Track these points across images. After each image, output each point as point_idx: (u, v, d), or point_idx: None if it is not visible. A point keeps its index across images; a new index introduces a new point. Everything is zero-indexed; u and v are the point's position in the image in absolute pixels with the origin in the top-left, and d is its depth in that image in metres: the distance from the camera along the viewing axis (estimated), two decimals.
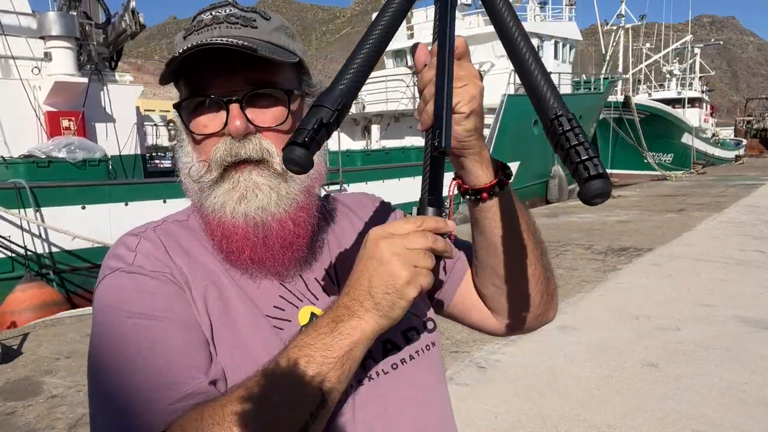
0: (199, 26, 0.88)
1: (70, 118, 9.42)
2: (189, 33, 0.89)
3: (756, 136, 68.94)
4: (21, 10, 9.36)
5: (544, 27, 19.85)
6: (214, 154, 0.86)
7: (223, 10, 0.89)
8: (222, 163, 0.86)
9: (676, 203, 15.61)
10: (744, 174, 27.02)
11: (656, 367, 4.41)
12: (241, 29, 0.87)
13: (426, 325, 1.01)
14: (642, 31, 43.88)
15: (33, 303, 6.80)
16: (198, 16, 0.90)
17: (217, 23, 0.87)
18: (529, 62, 0.71)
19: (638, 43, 44.72)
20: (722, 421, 3.57)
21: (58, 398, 4.19)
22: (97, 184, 8.41)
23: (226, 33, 0.85)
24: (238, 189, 0.86)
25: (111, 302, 0.83)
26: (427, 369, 0.99)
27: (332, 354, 0.73)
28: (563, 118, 0.66)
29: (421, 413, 0.95)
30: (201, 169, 0.88)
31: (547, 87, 0.69)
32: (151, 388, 0.75)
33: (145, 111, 25.91)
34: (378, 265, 0.73)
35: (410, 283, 0.73)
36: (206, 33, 0.86)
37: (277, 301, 0.90)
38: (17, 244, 7.58)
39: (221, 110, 0.86)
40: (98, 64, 10.12)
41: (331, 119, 0.69)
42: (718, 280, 7.00)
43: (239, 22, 0.88)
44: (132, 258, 0.85)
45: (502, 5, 0.75)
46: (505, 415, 3.72)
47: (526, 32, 0.74)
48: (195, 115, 0.88)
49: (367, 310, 0.74)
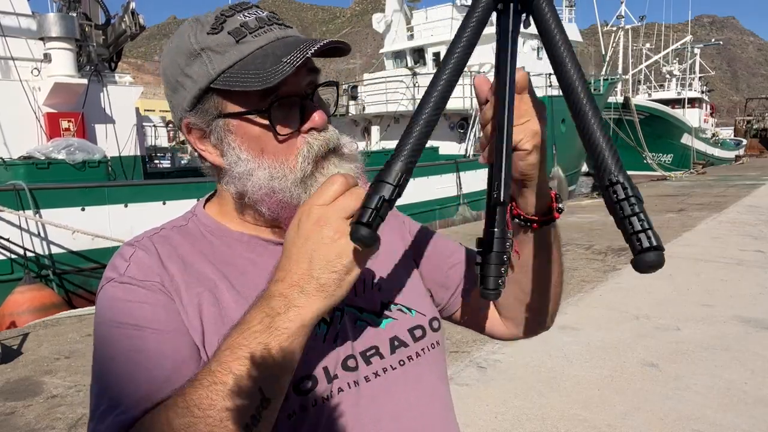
0: (250, 29, 0.85)
1: (70, 120, 9.41)
2: (241, 36, 0.84)
3: (756, 136, 68.87)
4: (21, 12, 9.35)
5: None
6: (309, 149, 0.86)
7: (258, 12, 0.88)
8: (318, 155, 0.86)
9: (676, 203, 15.61)
10: (744, 174, 27.01)
11: (656, 367, 4.41)
12: (290, 29, 0.88)
13: (431, 323, 1.02)
14: (642, 32, 43.91)
15: (32, 305, 6.78)
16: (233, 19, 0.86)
17: (268, 25, 0.86)
18: (591, 120, 0.71)
19: (638, 44, 44.74)
20: (722, 421, 3.57)
21: (58, 398, 4.19)
22: (96, 185, 8.39)
23: (285, 33, 0.86)
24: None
25: (103, 312, 0.84)
26: (432, 367, 1.00)
27: (269, 353, 0.69)
28: (619, 186, 0.67)
29: (427, 410, 0.97)
30: (287, 168, 0.86)
31: (606, 147, 0.69)
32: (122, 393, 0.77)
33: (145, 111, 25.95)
34: (317, 245, 0.70)
35: (357, 255, 0.70)
36: (267, 35, 0.85)
37: None
38: (17, 245, 7.57)
39: (292, 108, 0.86)
40: (98, 65, 10.11)
41: (392, 195, 0.70)
42: (718, 280, 7.00)
43: (283, 24, 0.88)
44: (125, 268, 0.85)
45: (566, 56, 0.73)
46: (505, 415, 3.72)
47: (589, 87, 0.73)
48: (275, 117, 0.85)
49: (309, 295, 0.70)
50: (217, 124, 0.87)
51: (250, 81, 0.81)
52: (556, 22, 0.75)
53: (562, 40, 0.73)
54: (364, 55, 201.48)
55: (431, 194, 12.94)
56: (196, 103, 0.87)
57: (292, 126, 0.86)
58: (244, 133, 0.86)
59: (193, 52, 0.85)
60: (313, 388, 0.86)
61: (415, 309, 1.01)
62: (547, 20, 0.76)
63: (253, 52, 0.83)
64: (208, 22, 0.86)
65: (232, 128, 0.87)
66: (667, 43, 51.04)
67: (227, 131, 0.87)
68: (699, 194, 17.88)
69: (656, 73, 51.25)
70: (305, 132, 0.86)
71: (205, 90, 0.85)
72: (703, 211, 13.67)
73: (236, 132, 0.87)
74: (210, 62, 0.84)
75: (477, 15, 0.81)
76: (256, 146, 0.86)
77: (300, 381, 0.85)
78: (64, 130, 9.32)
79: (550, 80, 18.17)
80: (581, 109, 0.71)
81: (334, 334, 0.91)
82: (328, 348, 0.89)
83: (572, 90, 0.72)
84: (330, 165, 0.87)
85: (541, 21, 0.76)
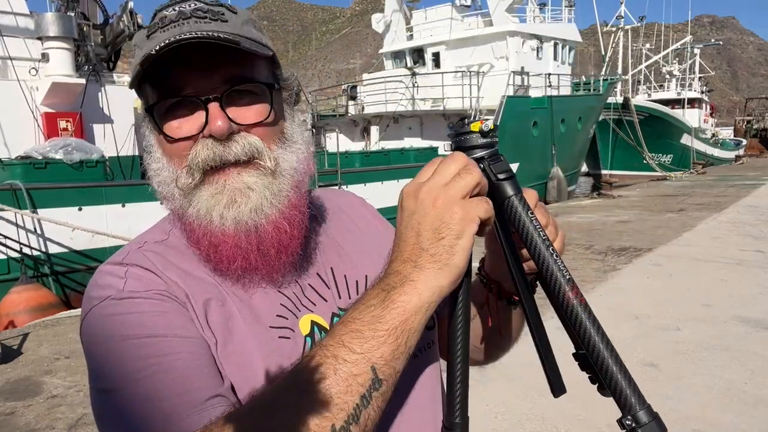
0: (164, 23, 0.81)
1: (68, 119, 9.40)
2: (152, 31, 0.81)
3: (756, 136, 68.89)
4: (18, 11, 9.35)
5: (543, 28, 19.84)
6: (194, 158, 0.79)
7: (187, 5, 0.82)
8: (204, 167, 0.79)
9: (676, 203, 15.60)
10: (744, 174, 27.01)
11: (656, 367, 4.40)
12: (211, 23, 0.80)
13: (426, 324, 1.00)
14: (642, 32, 43.91)
15: (29, 305, 6.76)
16: (159, 13, 0.83)
17: (183, 18, 0.80)
18: (609, 359, 0.75)
19: (638, 44, 44.74)
20: (722, 421, 3.56)
21: (58, 398, 4.18)
22: (93, 185, 8.38)
23: (196, 28, 0.78)
24: (225, 193, 0.80)
25: (101, 332, 0.75)
26: (426, 367, 0.99)
27: (383, 327, 0.65)
28: (630, 420, 0.70)
29: (420, 411, 0.95)
30: (175, 174, 0.81)
31: (624, 379, 0.74)
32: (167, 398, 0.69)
33: None
34: (422, 216, 0.68)
35: (465, 217, 0.67)
36: (174, 30, 0.79)
37: (279, 309, 0.85)
38: (13, 245, 7.56)
39: (198, 111, 0.80)
40: (96, 65, 10.10)
41: None
42: (718, 280, 6.99)
43: (208, 17, 0.81)
44: (122, 284, 0.78)
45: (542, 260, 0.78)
46: (505, 415, 3.71)
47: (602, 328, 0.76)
48: (168, 117, 0.80)
49: (422, 268, 0.67)
50: (145, 119, 0.85)
51: (132, 79, 0.80)
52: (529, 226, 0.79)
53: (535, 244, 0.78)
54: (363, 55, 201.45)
55: None
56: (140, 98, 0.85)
57: (189, 129, 0.80)
58: (151, 130, 0.84)
59: (134, 45, 0.85)
60: None
61: None
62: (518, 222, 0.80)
63: (165, 45, 0.77)
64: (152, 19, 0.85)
65: (148, 124, 0.85)
66: (667, 43, 51.04)
67: (147, 126, 0.85)
68: (699, 194, 17.88)
69: (656, 74, 51.23)
70: (204, 137, 0.79)
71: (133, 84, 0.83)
72: (703, 211, 13.67)
73: (150, 128, 0.85)
74: (135, 58, 0.81)
75: None
76: (160, 145, 0.83)
77: None
78: (62, 129, 9.31)
79: (549, 80, 18.17)
80: (598, 350, 0.75)
81: None
82: None
83: (589, 339, 0.76)
84: (228, 179, 0.80)
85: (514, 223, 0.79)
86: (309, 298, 0.89)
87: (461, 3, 19.95)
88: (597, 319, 0.75)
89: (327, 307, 0.90)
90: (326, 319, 0.88)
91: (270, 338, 0.81)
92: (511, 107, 16.44)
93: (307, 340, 0.84)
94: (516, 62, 17.84)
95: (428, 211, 0.67)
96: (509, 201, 0.78)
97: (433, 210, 0.67)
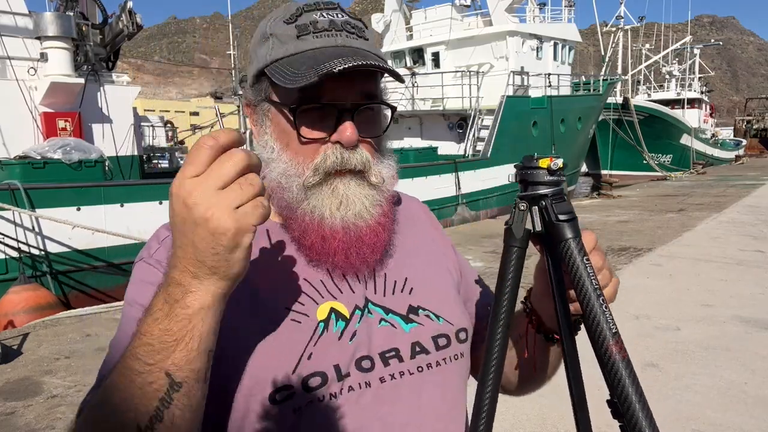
0: (316, 29, 0.88)
1: (67, 119, 9.38)
2: (304, 33, 0.88)
3: (756, 136, 68.92)
4: (17, 11, 9.31)
5: (543, 28, 19.81)
6: (323, 161, 0.88)
7: (336, 15, 0.90)
8: (329, 170, 0.88)
9: (676, 203, 15.61)
10: (744, 174, 27.02)
11: (656, 367, 4.40)
12: (358, 40, 0.90)
13: (458, 334, 1.00)
14: (641, 32, 43.88)
15: (27, 305, 6.73)
16: (308, 15, 0.90)
17: (336, 30, 0.89)
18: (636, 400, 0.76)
19: (638, 44, 44.72)
20: (722, 421, 3.56)
21: (58, 398, 4.17)
22: (92, 185, 8.36)
23: (348, 42, 0.88)
24: (337, 196, 0.89)
25: (127, 288, 0.90)
26: (453, 378, 0.98)
27: (171, 337, 0.67)
28: None
29: (439, 420, 0.95)
30: (301, 171, 0.89)
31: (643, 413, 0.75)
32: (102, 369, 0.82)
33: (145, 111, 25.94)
34: (195, 226, 0.65)
35: (239, 230, 0.65)
36: (328, 39, 0.88)
37: (299, 295, 0.90)
38: (12, 244, 7.55)
39: (331, 117, 0.87)
40: (95, 64, 10.08)
41: None
42: (718, 280, 6.99)
43: (355, 32, 0.90)
44: (155, 250, 0.90)
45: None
46: (505, 415, 3.70)
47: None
48: (303, 118, 0.88)
49: (203, 279, 0.68)
50: (262, 105, 0.93)
51: (285, 77, 0.85)
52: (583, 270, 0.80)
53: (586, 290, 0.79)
54: None
55: (430, 194, 12.91)
56: (255, 81, 0.93)
57: (321, 133, 0.88)
58: (278, 123, 0.91)
59: (265, 34, 0.92)
60: (322, 385, 0.85)
61: (443, 317, 0.99)
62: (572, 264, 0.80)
63: (304, 52, 0.87)
64: (290, 11, 0.91)
65: (271, 114, 0.92)
66: (666, 43, 51.00)
67: (266, 116, 0.93)
68: (699, 194, 17.88)
69: (656, 74, 51.20)
70: (333, 143, 0.88)
71: (261, 72, 0.90)
72: (703, 211, 13.67)
73: (273, 119, 0.92)
74: (271, 49, 0.90)
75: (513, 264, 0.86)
76: (283, 139, 0.91)
77: (309, 377, 0.85)
78: (61, 129, 9.29)
79: (549, 80, 18.14)
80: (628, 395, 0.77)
81: (351, 333, 0.90)
82: (343, 346, 0.89)
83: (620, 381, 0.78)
84: (341, 183, 0.89)
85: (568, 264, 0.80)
86: (338, 286, 0.93)
87: (461, 3, 19.89)
88: (636, 376, 0.76)
89: (352, 298, 0.93)
90: (348, 309, 0.92)
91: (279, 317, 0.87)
92: (511, 107, 16.42)
93: (320, 325, 0.88)
94: (516, 62, 17.81)
95: (200, 225, 0.65)
96: (566, 243, 0.79)
97: (205, 225, 0.65)
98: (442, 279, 1.05)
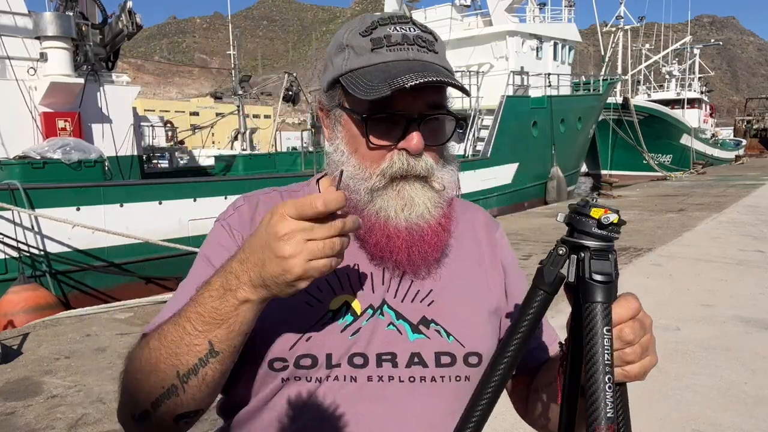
0: (390, 42, 0.93)
1: (66, 119, 9.37)
2: (378, 45, 0.94)
3: (756, 136, 68.95)
4: (17, 11, 9.29)
5: (543, 28, 19.83)
6: (389, 166, 0.93)
7: (409, 30, 0.95)
8: (395, 175, 0.93)
9: (676, 203, 15.61)
10: (744, 174, 27.02)
11: (656, 367, 4.38)
12: (429, 54, 0.94)
13: (467, 357, 0.99)
14: (641, 32, 43.89)
15: (27, 305, 6.72)
16: (382, 29, 0.95)
17: (408, 44, 0.94)
18: None
19: (637, 44, 44.72)
20: (722, 421, 3.55)
21: (58, 398, 4.17)
22: (91, 185, 8.36)
23: (419, 56, 0.93)
24: (403, 198, 0.94)
25: (203, 243, 1.04)
26: (448, 398, 0.97)
27: (219, 316, 0.80)
28: None
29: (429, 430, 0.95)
30: (369, 175, 0.94)
31: None
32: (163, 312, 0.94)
33: (145, 111, 25.94)
34: (273, 256, 0.76)
35: (302, 277, 0.76)
36: (400, 52, 0.93)
37: (322, 283, 0.96)
38: (11, 244, 7.55)
39: (399, 125, 0.93)
40: (95, 64, 10.06)
41: None
42: (718, 280, 6.99)
43: (426, 47, 0.95)
44: (230, 215, 1.04)
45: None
46: (505, 415, 3.70)
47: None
48: (373, 125, 0.93)
49: (256, 287, 0.79)
50: (335, 111, 0.99)
51: (359, 88, 0.91)
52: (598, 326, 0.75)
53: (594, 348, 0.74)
54: None
55: None
56: (330, 87, 0.99)
57: (389, 140, 0.94)
58: (349, 129, 0.97)
59: (341, 44, 0.97)
60: (311, 367, 0.93)
61: (454, 336, 0.98)
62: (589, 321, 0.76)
63: (377, 64, 0.92)
64: (366, 24, 0.97)
65: (343, 120, 0.98)
66: (666, 43, 51.01)
67: (338, 121, 0.99)
68: (699, 194, 17.89)
69: (656, 74, 51.19)
70: (399, 149, 0.93)
71: (336, 80, 0.96)
72: (703, 211, 13.67)
73: (344, 125, 0.98)
74: (347, 59, 0.95)
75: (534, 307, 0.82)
76: (353, 144, 0.97)
77: (302, 357, 0.93)
78: (61, 129, 9.28)
79: (549, 80, 18.15)
80: None
81: (355, 329, 0.95)
82: (342, 339, 0.94)
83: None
84: (407, 187, 0.94)
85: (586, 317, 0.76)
86: (361, 282, 0.99)
87: (461, 3, 19.91)
88: None
89: (370, 297, 0.98)
90: (361, 306, 0.97)
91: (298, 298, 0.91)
92: (511, 107, 16.43)
93: (329, 313, 0.95)
94: (516, 62, 17.83)
95: (278, 258, 0.75)
96: (592, 306, 0.74)
97: (281, 261, 0.75)
98: (473, 299, 1.04)
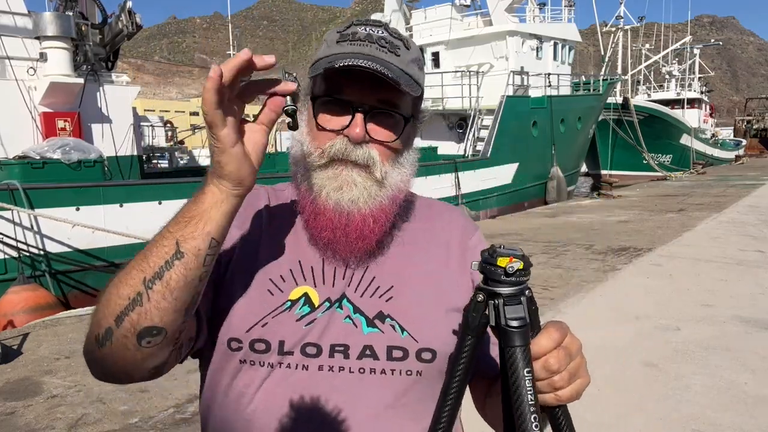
0: (354, 37, 1.00)
1: (66, 119, 9.36)
2: (343, 39, 1.01)
3: (756, 136, 68.94)
4: (17, 10, 9.28)
5: (543, 28, 19.81)
6: (330, 147, 0.98)
7: (377, 31, 1.01)
8: (333, 156, 0.98)
9: (676, 203, 15.61)
10: (744, 174, 27.03)
11: (656, 367, 4.40)
12: (388, 54, 0.99)
13: (420, 353, 1.00)
14: (641, 32, 43.88)
15: (27, 305, 6.71)
16: (354, 27, 1.03)
17: (369, 42, 0.99)
18: None
19: (637, 44, 44.71)
20: (722, 421, 3.55)
21: (58, 398, 4.17)
22: (91, 185, 8.35)
23: (375, 53, 0.98)
24: (338, 179, 0.98)
25: None
26: (398, 392, 0.99)
27: (189, 215, 0.85)
28: None
29: (365, 426, 0.96)
30: (310, 152, 1.00)
31: None
32: None
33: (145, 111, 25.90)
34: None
35: (206, 113, 0.80)
36: (359, 47, 0.99)
37: (286, 272, 1.02)
38: (11, 244, 7.54)
39: (347, 113, 0.98)
40: (94, 64, 10.06)
41: None
42: (718, 280, 6.99)
43: (387, 47, 1.00)
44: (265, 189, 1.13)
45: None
46: None
47: None
48: (323, 109, 1.00)
49: (213, 178, 0.85)
50: (306, 99, 1.05)
51: (311, 72, 1.00)
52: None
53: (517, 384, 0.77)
54: None
55: (429, 194, 12.66)
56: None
57: (335, 125, 0.99)
58: (309, 113, 1.03)
59: (323, 40, 1.06)
60: (264, 352, 0.97)
61: (408, 331, 1.00)
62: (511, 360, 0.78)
63: (336, 54, 0.98)
64: (346, 24, 1.04)
65: (307, 106, 1.04)
66: (666, 43, 51.00)
67: (305, 106, 1.04)
68: (699, 194, 17.89)
69: (656, 74, 51.19)
70: (343, 135, 0.98)
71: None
72: (703, 211, 13.67)
73: (308, 110, 1.04)
74: (319, 50, 1.04)
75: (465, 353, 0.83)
76: (309, 126, 1.03)
77: (256, 341, 0.97)
78: (60, 129, 9.27)
79: (549, 80, 18.15)
80: None
81: (310, 320, 0.99)
82: (297, 327, 0.98)
83: None
84: (345, 171, 0.98)
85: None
86: (324, 275, 1.03)
87: (461, 3, 19.88)
88: None
89: (329, 290, 1.01)
90: (320, 299, 1.01)
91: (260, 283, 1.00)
92: (511, 107, 16.42)
93: (287, 303, 0.99)
94: (515, 62, 17.81)
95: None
96: (510, 351, 0.77)
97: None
98: (433, 297, 1.05)
